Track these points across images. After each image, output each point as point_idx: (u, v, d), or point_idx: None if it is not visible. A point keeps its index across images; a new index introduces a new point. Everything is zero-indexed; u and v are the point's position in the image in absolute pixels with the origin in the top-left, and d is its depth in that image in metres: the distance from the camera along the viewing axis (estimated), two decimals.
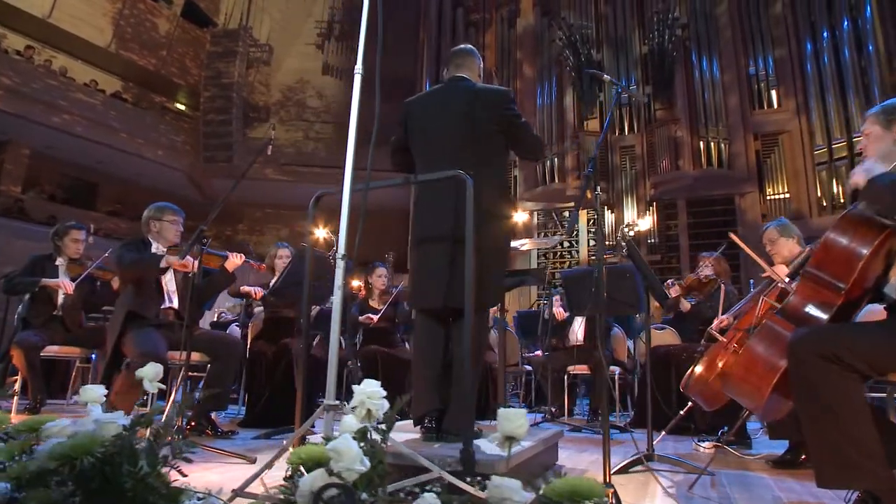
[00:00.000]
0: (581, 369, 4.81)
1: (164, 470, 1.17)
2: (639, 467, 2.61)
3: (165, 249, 3.47)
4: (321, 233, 5.34)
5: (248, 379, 4.22)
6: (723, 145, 11.34)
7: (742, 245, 2.78)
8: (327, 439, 1.30)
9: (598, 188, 2.00)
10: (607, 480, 1.62)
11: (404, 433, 2.33)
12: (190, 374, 3.89)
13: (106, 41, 13.64)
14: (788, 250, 3.00)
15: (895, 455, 1.68)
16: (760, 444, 3.51)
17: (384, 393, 1.28)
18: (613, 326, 5.03)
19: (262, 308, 4.56)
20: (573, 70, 13.27)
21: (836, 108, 10.43)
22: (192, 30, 14.93)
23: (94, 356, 4.30)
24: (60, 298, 4.24)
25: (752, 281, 7.78)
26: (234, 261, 3.54)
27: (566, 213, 12.60)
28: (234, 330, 5.01)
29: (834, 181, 10.43)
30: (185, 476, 1.20)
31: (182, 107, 14.99)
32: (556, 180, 12.13)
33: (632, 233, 11.05)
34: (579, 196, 2.08)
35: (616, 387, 4.66)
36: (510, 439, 1.22)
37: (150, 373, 1.40)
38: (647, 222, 11.39)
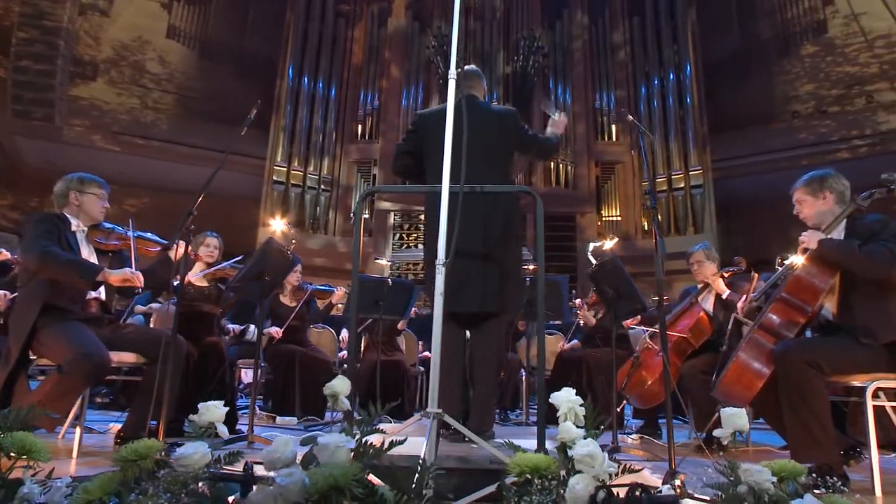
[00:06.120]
0: None
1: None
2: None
3: (86, 228, 2.94)
4: (279, 224, 4.84)
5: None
6: (569, 167, 12.69)
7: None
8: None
9: (658, 216, 2.22)
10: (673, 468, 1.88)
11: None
12: (116, 378, 3.32)
13: None
14: (711, 271, 3.59)
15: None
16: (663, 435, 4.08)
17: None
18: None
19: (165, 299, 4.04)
20: (441, 78, 13.73)
21: (661, 147, 12.35)
22: None
23: None
24: None
25: None
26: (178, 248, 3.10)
27: None
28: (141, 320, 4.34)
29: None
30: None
31: None
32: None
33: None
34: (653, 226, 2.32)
35: (524, 387, 5.03)
36: (736, 432, 1.39)
37: (343, 387, 1.22)
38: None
